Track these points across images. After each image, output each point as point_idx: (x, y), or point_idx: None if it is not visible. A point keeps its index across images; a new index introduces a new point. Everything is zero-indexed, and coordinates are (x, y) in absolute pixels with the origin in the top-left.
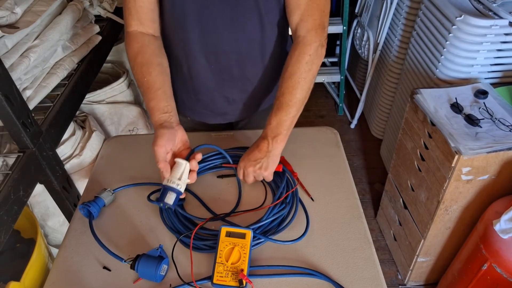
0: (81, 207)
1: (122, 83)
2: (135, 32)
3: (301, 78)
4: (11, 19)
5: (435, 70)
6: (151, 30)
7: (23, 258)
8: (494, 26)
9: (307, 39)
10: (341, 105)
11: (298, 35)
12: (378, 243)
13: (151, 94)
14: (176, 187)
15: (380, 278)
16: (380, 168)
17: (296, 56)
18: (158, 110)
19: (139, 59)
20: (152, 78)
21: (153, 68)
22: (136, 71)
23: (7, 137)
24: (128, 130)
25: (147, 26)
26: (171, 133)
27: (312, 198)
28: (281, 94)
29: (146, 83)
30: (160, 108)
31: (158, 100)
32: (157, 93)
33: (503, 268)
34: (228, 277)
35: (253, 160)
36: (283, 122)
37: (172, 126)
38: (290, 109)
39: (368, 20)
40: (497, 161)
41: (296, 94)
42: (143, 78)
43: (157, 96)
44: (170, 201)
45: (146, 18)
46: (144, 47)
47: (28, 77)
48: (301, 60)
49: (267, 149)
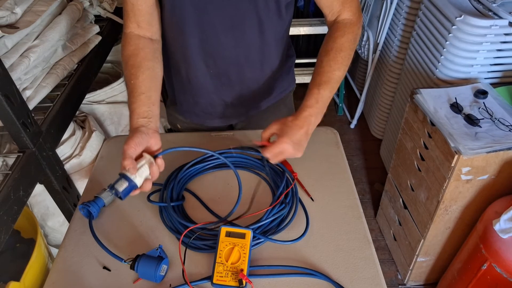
0: (81, 207)
1: (122, 83)
2: (132, 34)
3: (348, 54)
4: (11, 19)
5: (435, 70)
6: (148, 33)
7: (23, 258)
8: (494, 26)
9: (353, 21)
10: (341, 105)
11: (343, 19)
12: (378, 243)
13: (134, 98)
14: (131, 177)
15: (380, 278)
16: (380, 168)
17: (342, 34)
18: (137, 114)
19: (131, 61)
20: (138, 82)
21: (141, 72)
22: (126, 73)
23: (7, 137)
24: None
25: (144, 29)
26: (143, 138)
27: (312, 198)
28: (326, 70)
29: (131, 85)
30: (141, 112)
31: (139, 104)
32: (140, 97)
33: (503, 268)
34: (228, 277)
35: (296, 143)
36: (327, 99)
37: (148, 132)
38: (334, 85)
39: (368, 20)
40: (496, 161)
41: (341, 69)
42: (129, 81)
43: (139, 100)
44: (120, 188)
45: (143, 21)
46: (138, 50)
47: (28, 77)
48: (349, 37)
49: (308, 131)
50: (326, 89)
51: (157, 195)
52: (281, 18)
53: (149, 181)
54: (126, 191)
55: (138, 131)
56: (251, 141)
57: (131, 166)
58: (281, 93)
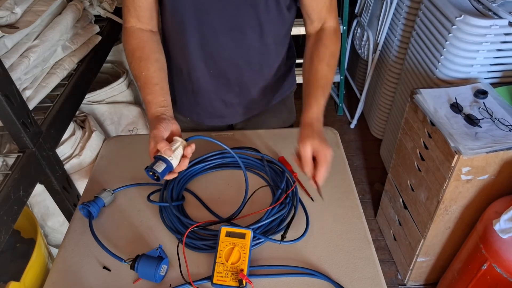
0: (81, 207)
1: (122, 83)
2: (133, 28)
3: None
4: (11, 19)
5: (434, 70)
6: (149, 26)
7: (23, 258)
8: (494, 26)
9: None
10: (341, 105)
11: (329, 26)
12: (378, 243)
13: (149, 89)
14: (168, 159)
15: (380, 278)
16: (380, 168)
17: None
18: (155, 104)
19: (137, 53)
20: (150, 74)
21: (151, 63)
22: (134, 66)
23: (7, 137)
24: (128, 130)
25: (145, 23)
26: (167, 124)
27: (312, 198)
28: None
29: (144, 78)
30: (158, 102)
31: (155, 95)
32: (154, 88)
33: (503, 268)
34: (228, 277)
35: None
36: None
37: (168, 119)
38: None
39: (368, 20)
40: (496, 161)
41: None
42: (140, 73)
43: (154, 91)
44: (159, 169)
45: (144, 15)
46: (143, 42)
47: (28, 77)
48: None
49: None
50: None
51: (157, 195)
52: (283, 20)
53: (186, 159)
54: (164, 172)
55: (160, 118)
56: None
57: (167, 147)
58: (281, 94)
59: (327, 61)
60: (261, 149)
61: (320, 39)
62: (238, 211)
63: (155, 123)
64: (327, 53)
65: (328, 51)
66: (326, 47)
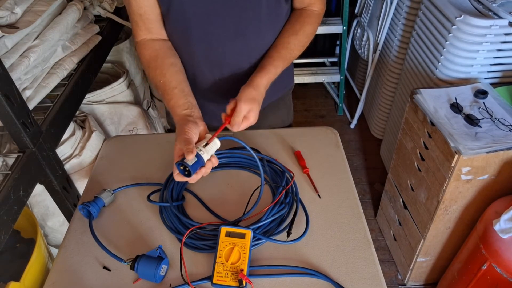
0: (80, 207)
1: (122, 83)
2: (145, 41)
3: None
4: (11, 19)
5: (435, 70)
6: (160, 36)
7: (23, 258)
8: (494, 26)
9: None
10: (341, 105)
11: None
12: (378, 243)
13: (169, 95)
14: (199, 153)
15: (380, 278)
16: (380, 168)
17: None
18: (178, 107)
19: (152, 64)
20: (167, 79)
21: (166, 69)
22: (151, 76)
23: (7, 137)
24: (128, 130)
25: (156, 33)
26: (194, 125)
27: (319, 195)
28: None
29: (162, 85)
30: (180, 105)
31: (176, 99)
32: (174, 92)
33: (503, 268)
34: (228, 277)
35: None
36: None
37: (195, 121)
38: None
39: (368, 20)
40: (496, 161)
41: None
42: (159, 82)
43: (174, 96)
44: (189, 162)
45: (153, 27)
46: (155, 51)
47: (28, 77)
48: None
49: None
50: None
51: (157, 195)
52: (280, 15)
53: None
54: (195, 167)
55: (186, 120)
56: None
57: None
58: (280, 91)
59: (300, 37)
60: (261, 149)
61: (301, 15)
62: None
63: (181, 124)
64: (302, 30)
65: (304, 28)
66: (303, 24)
